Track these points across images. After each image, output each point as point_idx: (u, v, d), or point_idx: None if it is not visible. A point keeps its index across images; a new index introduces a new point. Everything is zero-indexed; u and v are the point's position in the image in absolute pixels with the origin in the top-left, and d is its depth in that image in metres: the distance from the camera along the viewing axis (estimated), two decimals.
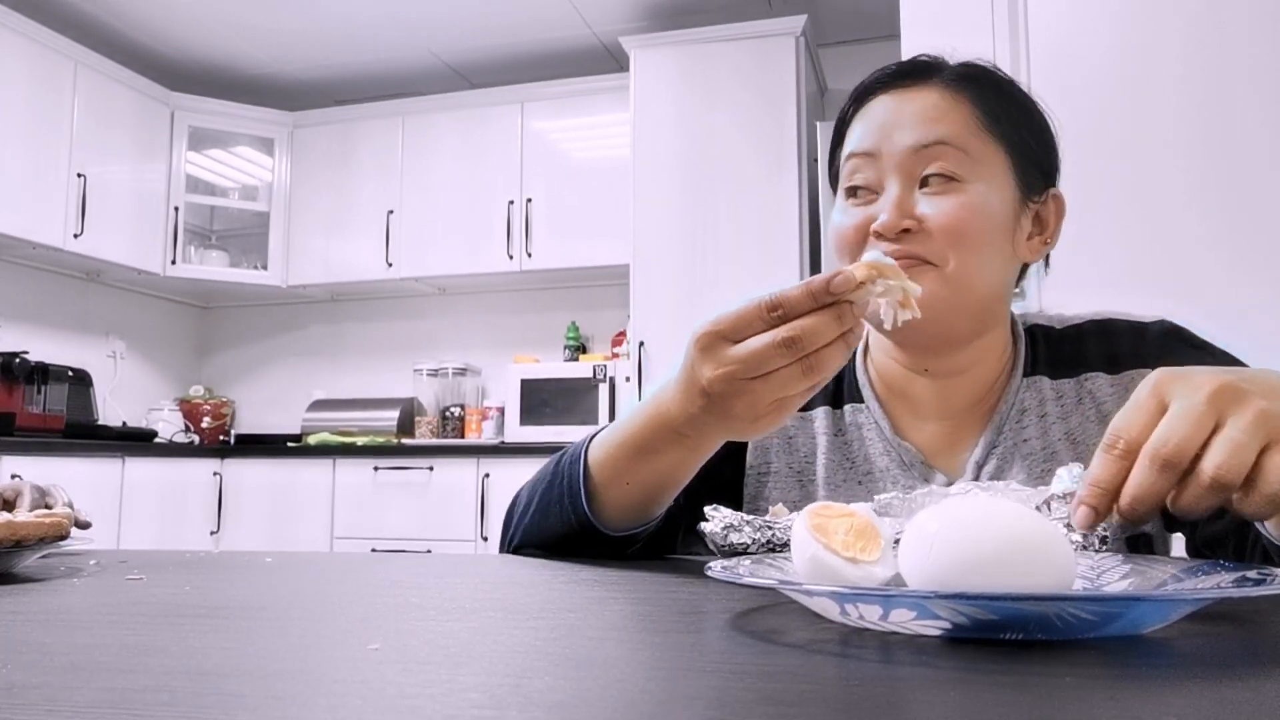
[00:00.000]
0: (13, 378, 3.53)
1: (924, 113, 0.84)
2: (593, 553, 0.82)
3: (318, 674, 0.37)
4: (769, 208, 3.57)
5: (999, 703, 0.31)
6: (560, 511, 0.81)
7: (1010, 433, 0.87)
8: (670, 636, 0.45)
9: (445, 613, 0.52)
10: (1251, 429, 0.49)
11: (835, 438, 0.91)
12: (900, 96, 0.86)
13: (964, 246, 0.81)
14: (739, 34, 3.67)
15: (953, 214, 0.81)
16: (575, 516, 0.80)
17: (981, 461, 0.86)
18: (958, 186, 0.82)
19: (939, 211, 0.81)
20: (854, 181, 0.85)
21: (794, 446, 0.92)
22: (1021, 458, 0.85)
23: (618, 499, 0.79)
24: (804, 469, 0.91)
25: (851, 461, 0.90)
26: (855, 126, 0.88)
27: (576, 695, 0.33)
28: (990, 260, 0.83)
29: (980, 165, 0.83)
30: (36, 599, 0.58)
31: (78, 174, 3.81)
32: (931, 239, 0.80)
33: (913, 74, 0.87)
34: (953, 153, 0.82)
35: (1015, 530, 0.44)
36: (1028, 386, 0.88)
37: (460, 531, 3.78)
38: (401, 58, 4.32)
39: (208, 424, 4.46)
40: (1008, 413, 0.87)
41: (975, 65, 0.88)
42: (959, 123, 0.84)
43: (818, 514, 0.51)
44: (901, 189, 0.82)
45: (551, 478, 0.84)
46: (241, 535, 3.96)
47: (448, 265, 4.24)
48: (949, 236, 0.80)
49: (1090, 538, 0.62)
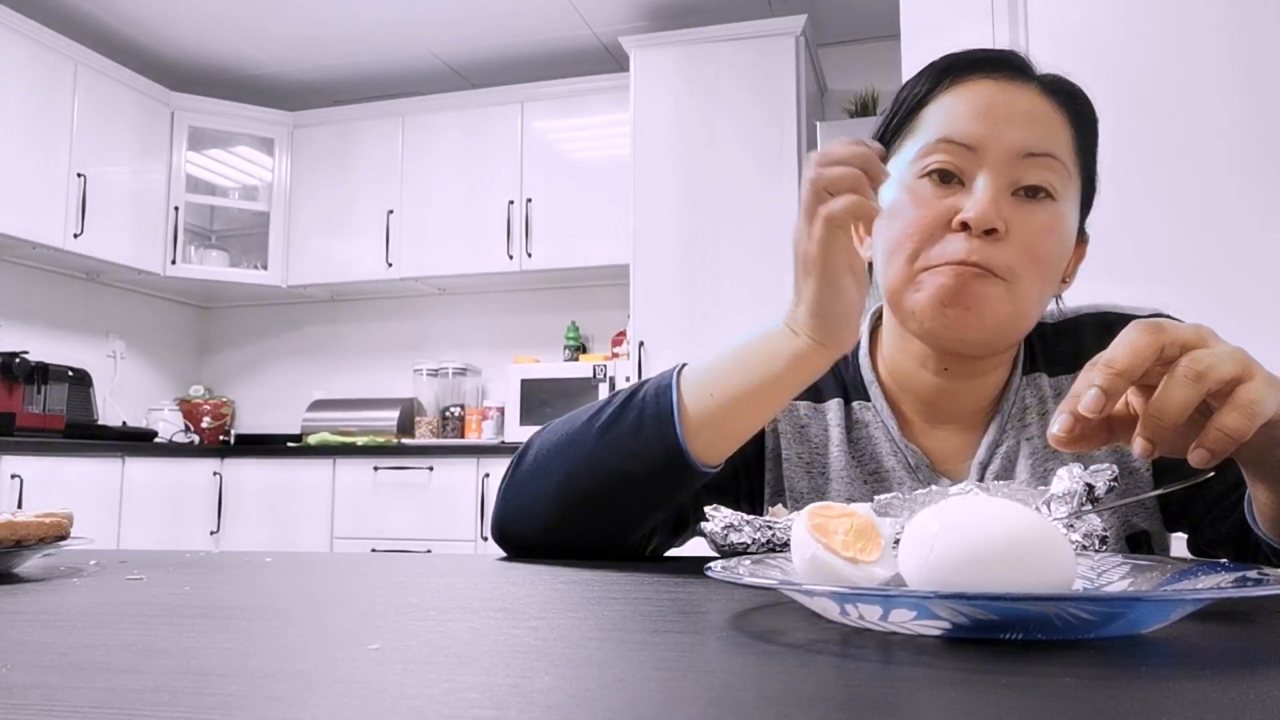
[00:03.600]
0: (13, 377, 3.53)
1: (1034, 115, 0.80)
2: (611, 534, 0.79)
3: (317, 674, 0.37)
4: (769, 207, 3.57)
5: (999, 703, 0.31)
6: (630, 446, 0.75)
7: (1013, 431, 0.86)
8: (670, 636, 0.45)
9: (445, 613, 0.52)
10: (1230, 353, 0.53)
11: (848, 432, 0.89)
12: (1004, 88, 0.80)
13: (1038, 266, 0.78)
14: (739, 34, 3.67)
15: (1041, 232, 0.78)
16: (663, 444, 0.74)
17: (985, 461, 0.85)
18: (1052, 205, 0.79)
19: (1029, 224, 0.77)
20: (946, 166, 0.79)
21: (806, 436, 0.90)
22: (1025, 456, 0.85)
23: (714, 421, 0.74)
24: (813, 460, 0.89)
25: (859, 459, 0.88)
26: (948, 104, 0.82)
27: (576, 695, 0.33)
28: (1051, 285, 0.82)
29: (1069, 187, 0.81)
30: (36, 599, 0.58)
31: (78, 174, 3.81)
32: (1010, 249, 0.77)
33: (1012, 66, 0.82)
34: (1059, 167, 0.79)
35: (1015, 530, 0.44)
36: (1028, 384, 0.88)
37: (460, 532, 3.78)
38: (401, 58, 4.32)
39: (208, 424, 4.46)
40: (1009, 411, 0.86)
41: (1069, 80, 0.84)
42: (1064, 138, 0.81)
43: (817, 514, 0.51)
44: (999, 188, 0.77)
45: (611, 417, 0.77)
46: (241, 535, 3.96)
47: (448, 265, 4.25)
48: (1029, 253, 0.77)
49: (1090, 538, 0.63)
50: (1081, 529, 0.63)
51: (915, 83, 0.85)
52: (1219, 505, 0.80)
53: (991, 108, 0.79)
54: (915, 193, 0.80)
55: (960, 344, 0.81)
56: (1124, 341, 0.54)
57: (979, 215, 0.75)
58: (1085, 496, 0.65)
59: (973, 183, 0.78)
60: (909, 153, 0.82)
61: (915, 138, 0.83)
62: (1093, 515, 0.64)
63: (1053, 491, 0.66)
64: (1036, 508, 0.66)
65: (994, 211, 0.76)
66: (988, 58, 0.83)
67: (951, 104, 0.81)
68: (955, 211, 0.77)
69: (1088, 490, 0.65)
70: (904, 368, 0.88)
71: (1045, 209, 0.79)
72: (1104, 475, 0.65)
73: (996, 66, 0.81)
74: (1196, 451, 0.52)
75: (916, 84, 0.85)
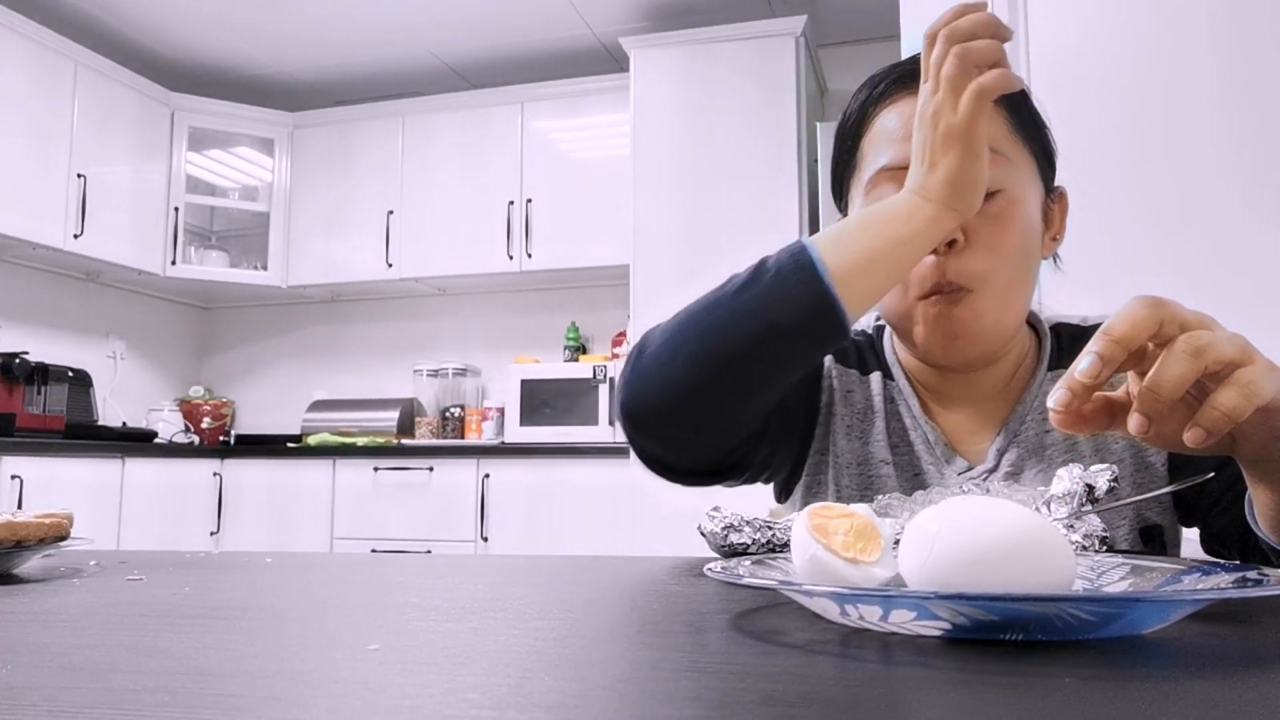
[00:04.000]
0: (13, 378, 3.53)
1: None
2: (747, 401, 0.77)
3: (317, 675, 0.37)
4: (769, 208, 3.57)
5: (999, 703, 0.31)
6: (776, 297, 0.74)
7: (1034, 424, 0.88)
8: (670, 637, 0.45)
9: (445, 613, 0.52)
10: (1230, 336, 0.54)
11: (887, 404, 0.93)
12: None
13: (1004, 259, 0.81)
14: (739, 34, 3.67)
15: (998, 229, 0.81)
16: (808, 291, 0.72)
17: (1004, 449, 0.88)
18: (1001, 197, 0.81)
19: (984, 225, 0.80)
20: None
21: (852, 401, 0.94)
22: (1043, 448, 0.87)
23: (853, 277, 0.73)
24: (854, 424, 0.93)
25: (891, 430, 0.92)
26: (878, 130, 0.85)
27: (576, 696, 0.33)
28: (1027, 267, 0.84)
29: (1016, 170, 0.82)
30: (36, 599, 0.58)
31: (78, 174, 3.81)
32: (974, 253, 0.80)
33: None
34: (999, 160, 0.81)
35: (1015, 531, 0.44)
36: (1051, 380, 0.90)
37: (460, 532, 3.78)
38: (401, 58, 4.32)
39: (208, 424, 4.46)
40: (1031, 404, 0.89)
41: None
42: (997, 125, 0.82)
43: (817, 514, 0.51)
44: None
45: (748, 279, 0.77)
46: (241, 536, 3.96)
47: (448, 265, 4.24)
48: (993, 251, 0.81)
49: (1091, 539, 0.63)
50: (1081, 529, 0.63)
51: (846, 119, 0.89)
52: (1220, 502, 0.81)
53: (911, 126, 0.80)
54: None
55: (963, 366, 0.87)
56: (1123, 312, 0.54)
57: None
58: (1085, 497, 0.65)
59: None
60: (861, 183, 0.87)
61: (860, 171, 0.87)
62: (1092, 516, 0.64)
63: (1052, 492, 0.66)
64: (1036, 508, 0.66)
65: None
66: (903, 73, 0.86)
67: (881, 129, 0.85)
68: None
69: (1087, 491, 0.65)
70: (911, 363, 0.94)
71: (995, 204, 0.80)
72: (1104, 476, 0.66)
73: (913, 79, 0.81)
74: (1192, 430, 0.52)
75: (848, 119, 0.89)
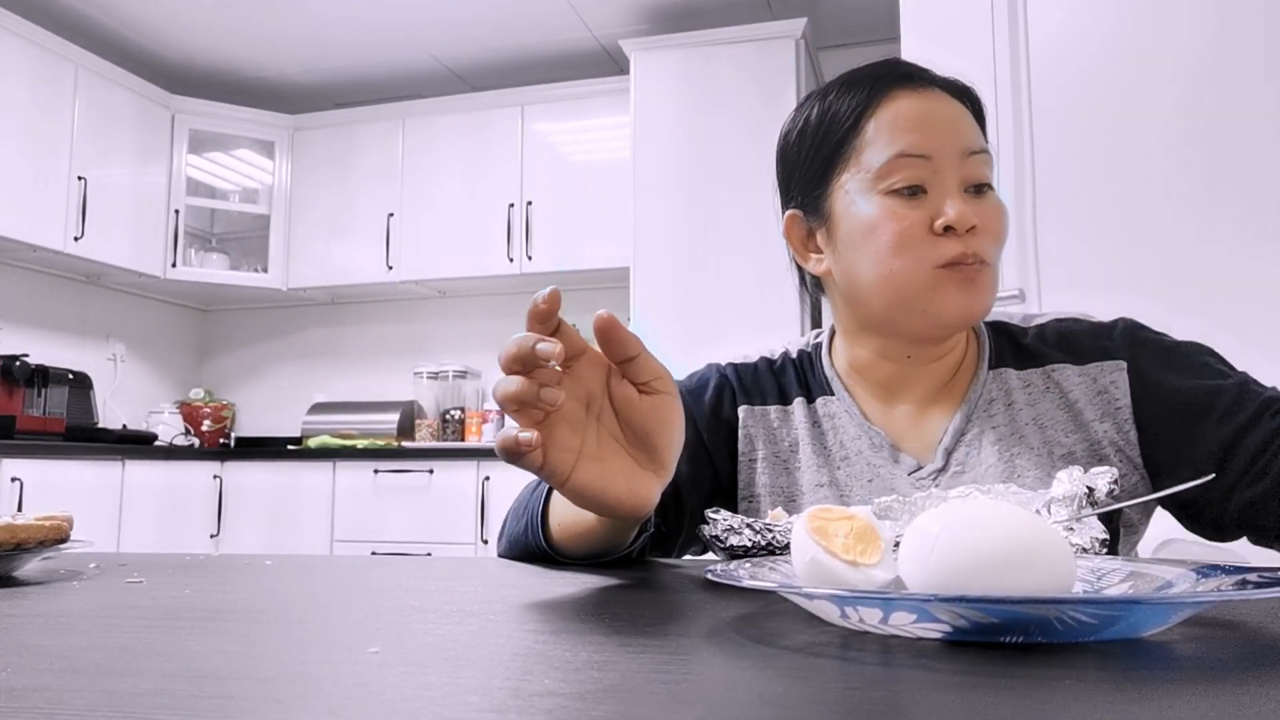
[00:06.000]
0: (13, 381, 3.53)
1: (958, 118, 0.88)
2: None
3: (317, 677, 0.37)
4: (769, 211, 3.56)
5: (999, 706, 0.31)
6: (529, 541, 0.82)
7: (978, 420, 0.91)
8: (670, 640, 0.45)
9: (445, 616, 0.52)
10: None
11: (813, 429, 0.96)
12: (924, 97, 0.88)
13: (999, 248, 0.88)
14: (739, 37, 3.68)
15: (997, 220, 0.87)
16: (540, 551, 0.80)
17: (951, 448, 0.90)
18: (992, 193, 0.88)
19: (987, 215, 0.86)
20: (911, 181, 0.85)
21: (777, 437, 0.97)
22: (990, 444, 0.90)
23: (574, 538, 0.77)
24: (789, 457, 0.96)
25: (828, 450, 0.95)
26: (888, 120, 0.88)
27: (576, 698, 0.33)
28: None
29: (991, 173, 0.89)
30: (36, 602, 0.58)
31: (78, 177, 3.81)
32: (982, 239, 0.85)
33: (923, 77, 0.90)
34: (989, 159, 0.88)
35: (1016, 533, 0.44)
36: (994, 378, 0.93)
37: (460, 534, 3.77)
38: (402, 61, 4.33)
39: (208, 427, 4.46)
40: (976, 401, 0.92)
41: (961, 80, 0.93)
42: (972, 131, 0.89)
43: (818, 516, 0.51)
44: (957, 190, 0.86)
45: (523, 508, 0.85)
46: (241, 538, 3.96)
47: (448, 268, 4.25)
48: (995, 239, 0.87)
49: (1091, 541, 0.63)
50: (1082, 532, 0.63)
51: (843, 101, 0.90)
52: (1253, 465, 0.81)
53: (927, 116, 0.87)
54: (888, 208, 0.86)
55: (959, 328, 0.90)
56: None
57: (960, 217, 0.83)
58: (1086, 499, 0.65)
59: (932, 189, 0.85)
60: (865, 170, 0.87)
61: (865, 155, 0.88)
62: (1093, 518, 0.64)
63: (1053, 494, 0.66)
64: (1037, 510, 0.66)
65: (970, 211, 0.84)
66: (907, 72, 0.90)
67: (891, 119, 0.88)
68: (929, 218, 0.85)
69: (1088, 493, 0.65)
70: (863, 358, 0.96)
71: (991, 198, 0.87)
72: (1104, 478, 0.66)
73: (912, 79, 0.89)
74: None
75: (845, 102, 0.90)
